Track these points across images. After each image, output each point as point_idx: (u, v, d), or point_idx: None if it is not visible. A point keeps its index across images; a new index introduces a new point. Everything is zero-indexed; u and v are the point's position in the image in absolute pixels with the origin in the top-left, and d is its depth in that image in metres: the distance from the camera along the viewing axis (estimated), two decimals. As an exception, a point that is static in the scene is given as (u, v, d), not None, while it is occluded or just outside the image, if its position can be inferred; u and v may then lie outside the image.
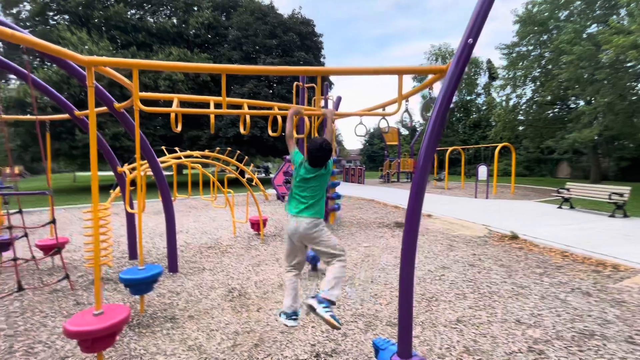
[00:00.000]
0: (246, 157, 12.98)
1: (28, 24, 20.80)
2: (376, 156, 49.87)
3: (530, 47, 20.66)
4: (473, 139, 35.39)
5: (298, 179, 2.56)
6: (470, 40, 1.91)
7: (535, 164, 30.70)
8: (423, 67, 2.30)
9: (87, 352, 2.27)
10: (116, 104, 3.65)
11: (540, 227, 7.49)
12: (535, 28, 19.57)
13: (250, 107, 3.86)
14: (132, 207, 5.12)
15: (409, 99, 3.06)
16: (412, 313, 2.30)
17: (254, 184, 14.53)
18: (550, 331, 3.09)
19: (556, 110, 21.95)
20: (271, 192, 14.92)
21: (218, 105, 3.60)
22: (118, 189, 5.58)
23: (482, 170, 14.72)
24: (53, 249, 4.96)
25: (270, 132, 3.92)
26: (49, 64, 18.38)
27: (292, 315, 2.50)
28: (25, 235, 4.07)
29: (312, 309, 2.34)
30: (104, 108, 3.85)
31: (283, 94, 21.64)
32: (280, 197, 14.03)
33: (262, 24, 22.34)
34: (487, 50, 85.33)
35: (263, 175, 32.25)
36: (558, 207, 10.45)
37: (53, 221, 3.52)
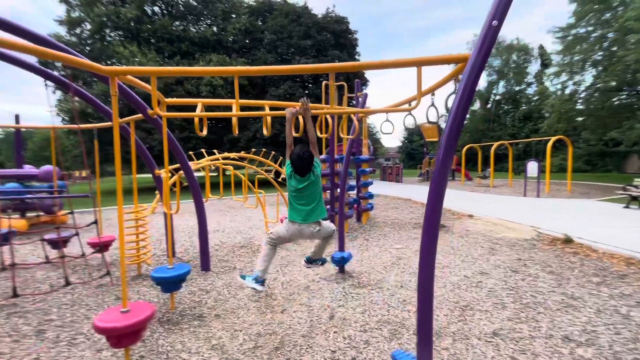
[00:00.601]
0: (281, 157, 13.21)
1: (89, 41, 23.09)
2: (416, 154, 48.19)
3: (590, 28, 18.50)
4: (523, 133, 32.73)
5: (292, 190, 2.77)
6: (495, 23, 1.69)
7: (598, 158, 27.59)
8: (443, 57, 2.09)
9: (115, 347, 2.40)
10: (149, 111, 3.85)
11: (601, 229, 6.65)
12: (596, 6, 17.48)
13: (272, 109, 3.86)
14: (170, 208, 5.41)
15: (434, 93, 2.84)
16: (431, 322, 2.12)
17: (288, 183, 14.77)
18: (606, 351, 2.69)
19: (623, 97, 19.45)
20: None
21: (245, 108, 3.65)
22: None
23: (532, 166, 13.51)
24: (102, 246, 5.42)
25: (292, 133, 3.89)
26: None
27: (263, 282, 2.88)
28: (77, 234, 4.47)
29: (309, 267, 3.33)
30: (139, 115, 4.09)
31: (317, 93, 21.69)
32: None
33: (296, 26, 22.60)
34: (539, 35, 78.13)
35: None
36: (624, 207, 9.24)
37: (95, 222, 3.82)
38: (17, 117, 8.67)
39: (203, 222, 4.95)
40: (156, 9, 24.94)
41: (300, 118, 3.24)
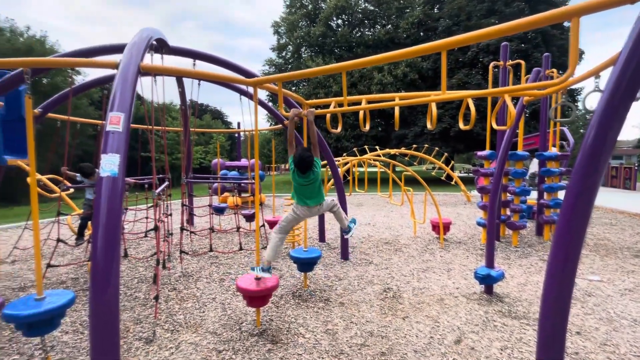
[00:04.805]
0: (445, 154, 12.14)
1: (290, 60, 28.75)
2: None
3: None
4: None
5: (296, 183, 3.12)
6: None
7: None
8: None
9: (248, 305, 2.98)
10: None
11: None
12: None
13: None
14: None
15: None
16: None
17: (453, 183, 13.36)
18: None
19: None
20: (476, 193, 13.15)
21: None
22: (332, 181, 6.70)
23: None
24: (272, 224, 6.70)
25: (461, 126, 3.47)
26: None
27: (269, 269, 3.05)
28: (253, 213, 5.76)
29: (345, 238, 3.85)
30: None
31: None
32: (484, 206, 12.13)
33: (477, 4, 19.87)
34: None
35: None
36: None
37: (261, 204, 4.84)
38: (238, 124, 11.98)
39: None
40: (339, 22, 28.08)
41: (304, 120, 3.49)
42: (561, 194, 6.91)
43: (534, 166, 10.87)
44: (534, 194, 7.45)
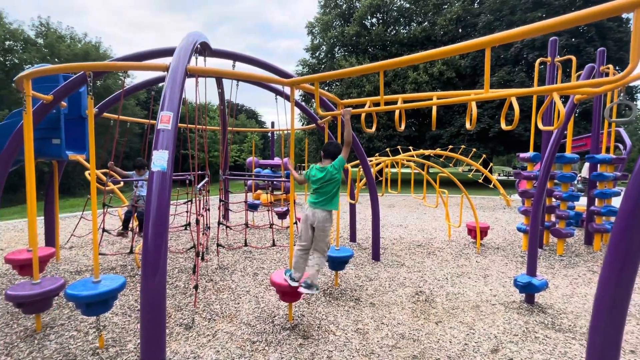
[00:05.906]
0: (483, 156, 11.62)
1: (324, 60, 28.89)
2: None
3: None
4: None
5: (311, 181, 3.17)
6: None
7: None
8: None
9: (281, 300, 3.06)
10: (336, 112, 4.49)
11: None
12: None
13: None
14: (352, 198, 6.07)
15: None
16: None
17: (491, 186, 12.75)
18: None
19: None
20: (516, 197, 12.43)
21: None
22: (363, 180, 6.70)
23: None
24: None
25: (503, 126, 3.32)
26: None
27: (294, 280, 3.00)
28: (287, 210, 5.88)
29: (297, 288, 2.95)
30: (328, 117, 4.84)
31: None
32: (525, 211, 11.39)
33: (522, -3, 18.73)
34: None
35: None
36: None
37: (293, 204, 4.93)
38: (272, 124, 12.26)
39: (376, 216, 5.23)
40: (374, 20, 27.75)
41: (339, 119, 3.57)
42: (615, 201, 6.36)
43: (584, 170, 10.09)
44: (582, 200, 6.92)
